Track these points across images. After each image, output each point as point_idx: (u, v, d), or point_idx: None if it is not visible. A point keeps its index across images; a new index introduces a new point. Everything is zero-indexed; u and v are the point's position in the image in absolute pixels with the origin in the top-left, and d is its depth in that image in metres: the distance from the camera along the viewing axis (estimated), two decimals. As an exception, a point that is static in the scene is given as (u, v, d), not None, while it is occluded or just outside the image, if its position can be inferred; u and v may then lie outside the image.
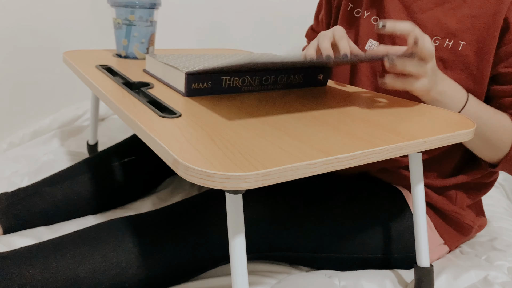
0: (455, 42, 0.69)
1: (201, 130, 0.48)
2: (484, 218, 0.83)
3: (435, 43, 0.70)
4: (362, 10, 0.80)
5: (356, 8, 0.82)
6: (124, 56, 0.92)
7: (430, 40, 0.59)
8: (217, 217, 0.68)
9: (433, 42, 0.70)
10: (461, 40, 0.68)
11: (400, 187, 0.78)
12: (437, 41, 0.70)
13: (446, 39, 0.69)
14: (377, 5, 0.78)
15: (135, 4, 0.87)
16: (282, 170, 0.39)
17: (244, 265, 0.45)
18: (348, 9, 0.83)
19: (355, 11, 0.82)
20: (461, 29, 0.68)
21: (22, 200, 0.84)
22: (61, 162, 1.11)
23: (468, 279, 0.73)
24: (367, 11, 0.79)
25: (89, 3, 1.37)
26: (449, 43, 0.69)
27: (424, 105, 0.67)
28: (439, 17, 0.70)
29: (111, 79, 0.69)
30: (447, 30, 0.69)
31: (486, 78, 0.69)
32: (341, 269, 0.75)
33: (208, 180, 0.38)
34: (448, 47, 0.69)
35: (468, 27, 0.68)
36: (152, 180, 1.01)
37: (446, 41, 0.69)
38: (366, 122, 0.56)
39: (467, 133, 0.56)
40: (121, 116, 0.53)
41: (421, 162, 0.64)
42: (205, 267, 0.69)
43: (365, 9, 0.79)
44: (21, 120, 1.28)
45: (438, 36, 0.70)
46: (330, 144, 0.46)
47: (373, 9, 0.79)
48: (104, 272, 0.62)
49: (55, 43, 1.31)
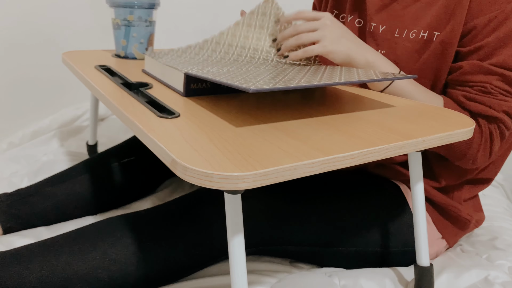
0: (429, 33, 0.71)
1: (200, 130, 0.48)
2: (481, 214, 0.83)
3: (412, 36, 0.73)
4: (346, 14, 0.83)
5: (341, 14, 0.85)
6: (123, 57, 0.92)
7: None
8: (215, 213, 0.68)
9: (411, 35, 0.73)
10: (435, 31, 0.71)
11: (398, 182, 0.79)
12: (414, 34, 0.73)
13: (421, 31, 0.72)
14: (359, 8, 0.81)
15: (134, 4, 0.87)
16: (281, 170, 0.39)
17: (244, 265, 0.45)
18: (333, 16, 0.85)
19: (340, 17, 0.86)
20: (435, 20, 0.70)
21: (22, 201, 0.84)
22: (61, 163, 1.11)
23: (468, 278, 0.73)
24: (350, 15, 0.82)
25: (89, 3, 1.37)
26: (424, 34, 0.71)
27: (422, 104, 0.67)
28: (417, 12, 0.73)
29: (110, 79, 0.69)
30: (424, 22, 0.72)
31: (448, 64, 0.70)
32: (340, 264, 0.76)
33: (207, 181, 0.38)
34: (423, 38, 0.71)
35: (442, 17, 0.70)
36: (151, 181, 1.01)
37: (421, 33, 0.72)
38: (365, 121, 0.56)
39: (466, 132, 0.56)
40: (120, 116, 0.53)
41: (420, 161, 0.64)
42: (204, 263, 0.69)
43: (349, 13, 0.82)
44: (21, 120, 1.28)
45: (415, 30, 0.73)
46: (328, 143, 0.46)
47: (356, 12, 0.82)
48: (103, 268, 0.62)
49: (55, 43, 1.31)
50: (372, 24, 0.77)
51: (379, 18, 0.76)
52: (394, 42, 0.74)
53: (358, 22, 0.81)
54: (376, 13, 0.77)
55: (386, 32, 0.75)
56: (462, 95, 0.68)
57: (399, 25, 0.73)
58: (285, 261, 0.79)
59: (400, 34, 0.74)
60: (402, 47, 0.73)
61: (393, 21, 0.74)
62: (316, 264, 0.78)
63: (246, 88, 0.46)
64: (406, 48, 0.73)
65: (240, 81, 0.51)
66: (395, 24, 0.74)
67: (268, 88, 0.47)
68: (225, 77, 0.54)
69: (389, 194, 0.77)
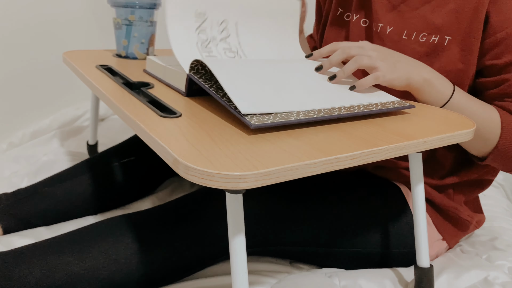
0: (440, 37, 0.70)
1: (201, 130, 0.48)
2: (482, 215, 0.84)
3: (422, 40, 0.71)
4: (352, 13, 0.81)
5: (346, 12, 0.83)
6: (124, 56, 0.92)
7: (347, 44, 0.64)
8: (216, 213, 0.68)
9: (420, 38, 0.72)
10: (446, 35, 0.70)
11: (398, 183, 0.79)
12: (424, 38, 0.71)
13: (432, 35, 0.71)
14: (365, 7, 0.80)
15: (135, 4, 0.87)
16: (282, 169, 0.39)
17: (244, 265, 0.45)
18: (338, 14, 0.84)
19: (345, 15, 0.84)
20: (447, 24, 0.70)
21: (22, 201, 0.84)
22: (61, 163, 1.11)
23: (468, 279, 0.74)
24: (356, 14, 0.81)
25: (89, 3, 1.37)
26: (435, 39, 0.70)
27: (423, 105, 0.67)
28: (425, 15, 0.72)
29: (111, 79, 0.69)
30: (433, 26, 0.71)
31: (471, 72, 0.70)
32: (340, 265, 0.76)
33: (209, 180, 0.38)
34: (434, 42, 0.71)
35: (453, 22, 0.69)
36: (151, 181, 1.01)
37: (432, 37, 0.71)
38: (366, 122, 0.56)
39: (467, 133, 0.56)
40: (121, 116, 0.53)
41: (421, 162, 0.64)
42: (205, 263, 0.69)
43: (354, 12, 0.81)
44: (21, 120, 1.28)
45: (425, 33, 0.71)
46: (330, 144, 0.46)
47: (362, 12, 0.80)
48: (103, 268, 0.62)
49: (55, 43, 1.31)
50: (380, 24, 0.76)
51: (387, 19, 0.75)
52: (403, 44, 0.73)
53: (364, 21, 0.80)
54: (383, 13, 0.76)
55: (394, 33, 0.74)
56: None
57: (407, 27, 0.73)
58: (285, 261, 0.79)
59: (408, 36, 0.73)
60: (411, 50, 0.72)
61: (401, 23, 0.74)
62: (316, 265, 0.78)
63: (249, 123, 0.47)
64: (416, 51, 0.72)
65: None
66: (403, 26, 0.73)
67: (270, 123, 0.48)
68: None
69: (390, 195, 0.77)
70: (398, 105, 0.61)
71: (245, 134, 0.48)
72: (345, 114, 0.54)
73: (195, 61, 0.59)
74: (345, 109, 0.56)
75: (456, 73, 0.70)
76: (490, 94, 0.70)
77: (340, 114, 0.54)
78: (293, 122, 0.50)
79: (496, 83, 0.68)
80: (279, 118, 0.49)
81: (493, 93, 0.69)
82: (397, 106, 0.60)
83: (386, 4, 0.76)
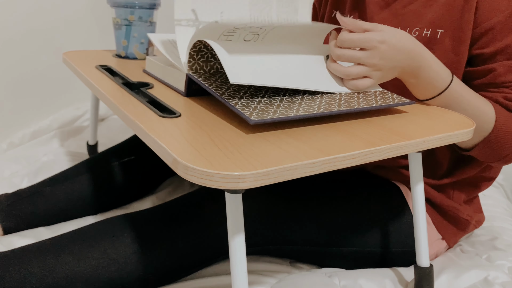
0: (433, 30, 0.71)
1: (201, 130, 0.48)
2: (481, 215, 0.84)
3: (415, 34, 0.72)
4: (346, 14, 0.82)
5: (341, 13, 0.84)
6: (124, 57, 0.92)
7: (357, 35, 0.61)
8: (215, 213, 0.68)
9: (413, 33, 0.72)
10: (438, 28, 0.70)
11: (398, 183, 0.79)
12: (416, 32, 0.72)
13: (424, 29, 0.71)
14: (359, 7, 0.80)
15: (135, 4, 0.87)
16: (281, 169, 0.39)
17: (244, 264, 0.45)
18: (333, 16, 0.85)
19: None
20: (439, 17, 0.70)
21: (22, 201, 0.84)
22: (61, 163, 1.11)
23: (468, 279, 0.74)
24: (350, 14, 0.81)
25: (89, 3, 1.37)
26: (427, 32, 0.71)
27: (423, 104, 0.67)
28: (418, 10, 0.72)
29: (110, 79, 0.69)
30: (426, 20, 0.71)
31: (463, 62, 0.70)
32: (340, 265, 0.76)
33: (208, 180, 0.38)
34: (427, 36, 0.71)
35: (445, 15, 0.70)
36: (151, 181, 1.01)
37: (424, 31, 0.71)
38: (365, 122, 0.56)
39: (467, 133, 0.56)
40: (121, 116, 0.53)
41: (420, 162, 0.64)
42: (205, 263, 0.69)
43: (349, 12, 0.82)
44: (21, 120, 1.28)
45: (417, 28, 0.72)
46: (329, 143, 0.46)
47: (356, 12, 0.81)
48: (103, 268, 0.62)
49: (55, 43, 1.31)
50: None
51: (380, 18, 0.76)
52: None
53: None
54: (377, 12, 0.77)
55: None
56: (502, 96, 0.67)
57: (401, 24, 0.73)
58: (285, 261, 0.79)
59: None
60: None
61: (395, 20, 0.74)
62: (316, 265, 0.78)
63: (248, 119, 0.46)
64: None
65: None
66: (397, 23, 0.74)
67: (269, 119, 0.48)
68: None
69: (390, 195, 0.77)
70: (398, 101, 0.61)
71: (244, 134, 0.48)
72: (345, 110, 0.54)
73: (198, 41, 0.58)
74: (345, 105, 0.56)
75: (450, 65, 0.70)
76: (476, 84, 0.70)
77: (340, 110, 0.54)
78: (292, 118, 0.49)
79: (482, 73, 0.69)
80: (278, 114, 0.49)
81: (480, 83, 0.70)
82: (397, 103, 0.60)
83: (379, 3, 0.77)
